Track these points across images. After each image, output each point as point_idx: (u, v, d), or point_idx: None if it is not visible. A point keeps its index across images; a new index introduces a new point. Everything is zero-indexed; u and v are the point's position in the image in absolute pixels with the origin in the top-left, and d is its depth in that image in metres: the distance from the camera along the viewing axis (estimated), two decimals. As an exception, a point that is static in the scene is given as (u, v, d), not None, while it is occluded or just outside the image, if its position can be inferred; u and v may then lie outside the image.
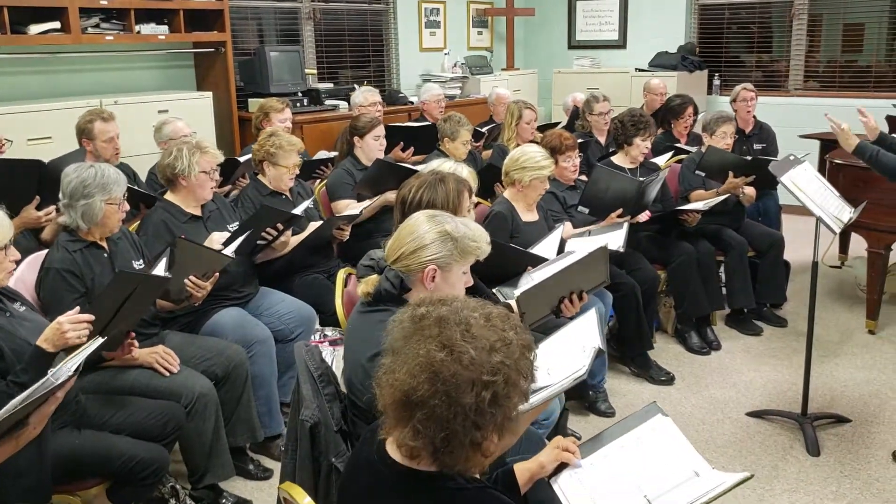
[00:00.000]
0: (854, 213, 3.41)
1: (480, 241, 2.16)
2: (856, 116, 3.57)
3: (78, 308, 2.25)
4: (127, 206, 2.93)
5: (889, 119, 5.77)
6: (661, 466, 1.77)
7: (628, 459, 1.80)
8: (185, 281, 2.95)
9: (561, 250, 3.54)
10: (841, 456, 3.32)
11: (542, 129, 5.28)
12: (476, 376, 1.35)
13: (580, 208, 4.06)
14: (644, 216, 4.17)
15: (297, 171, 3.84)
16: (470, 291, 2.21)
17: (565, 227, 3.95)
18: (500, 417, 1.38)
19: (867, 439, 3.44)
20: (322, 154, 5.03)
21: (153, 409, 2.70)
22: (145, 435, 2.62)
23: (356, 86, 6.26)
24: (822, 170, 5.63)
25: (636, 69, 7.72)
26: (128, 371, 2.82)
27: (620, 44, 8.27)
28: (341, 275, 2.95)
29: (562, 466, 1.81)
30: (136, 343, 2.71)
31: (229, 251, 3.13)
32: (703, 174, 4.62)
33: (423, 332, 1.40)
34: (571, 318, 2.57)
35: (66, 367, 1.92)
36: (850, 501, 3.02)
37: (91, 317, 2.23)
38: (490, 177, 4.36)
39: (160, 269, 2.68)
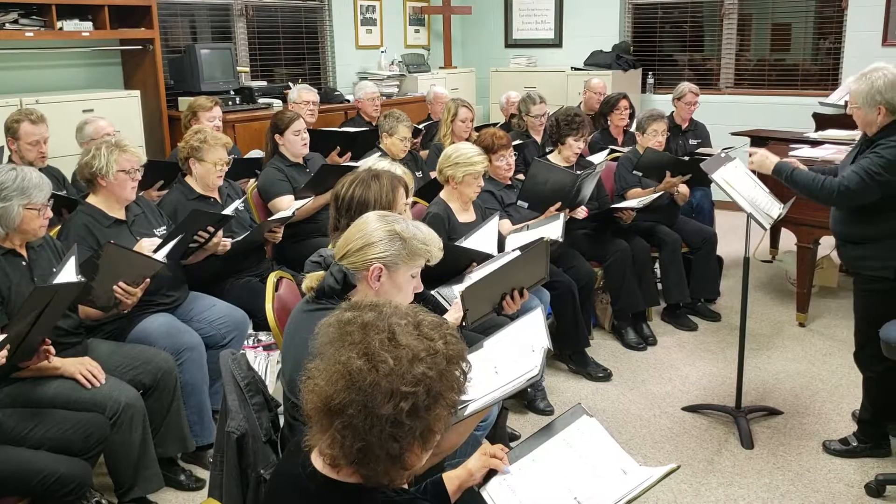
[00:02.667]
0: (783, 209, 3.48)
1: (431, 245, 2.11)
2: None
3: None
4: (50, 213, 2.80)
5: (815, 116, 5.92)
6: (590, 467, 1.77)
7: (557, 463, 1.79)
8: (115, 287, 2.84)
9: (501, 248, 3.53)
10: (774, 448, 3.38)
11: (479, 128, 5.26)
12: (395, 387, 1.29)
13: (519, 203, 4.07)
14: (582, 213, 4.19)
15: (226, 170, 3.72)
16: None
17: (504, 225, 3.94)
18: (422, 429, 1.33)
19: (798, 430, 3.51)
20: (255, 153, 4.91)
21: (75, 421, 2.60)
22: (67, 449, 2.52)
23: (291, 84, 6.15)
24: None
25: (572, 68, 7.78)
26: (48, 382, 2.70)
27: (556, 42, 8.32)
28: (272, 278, 2.87)
29: (491, 473, 1.79)
30: (53, 350, 2.59)
31: (160, 256, 3.03)
32: (640, 174, 4.67)
33: (346, 337, 1.35)
34: (513, 318, 2.56)
35: None
36: (782, 493, 3.07)
37: (6, 343, 2.14)
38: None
39: (70, 272, 2.57)
